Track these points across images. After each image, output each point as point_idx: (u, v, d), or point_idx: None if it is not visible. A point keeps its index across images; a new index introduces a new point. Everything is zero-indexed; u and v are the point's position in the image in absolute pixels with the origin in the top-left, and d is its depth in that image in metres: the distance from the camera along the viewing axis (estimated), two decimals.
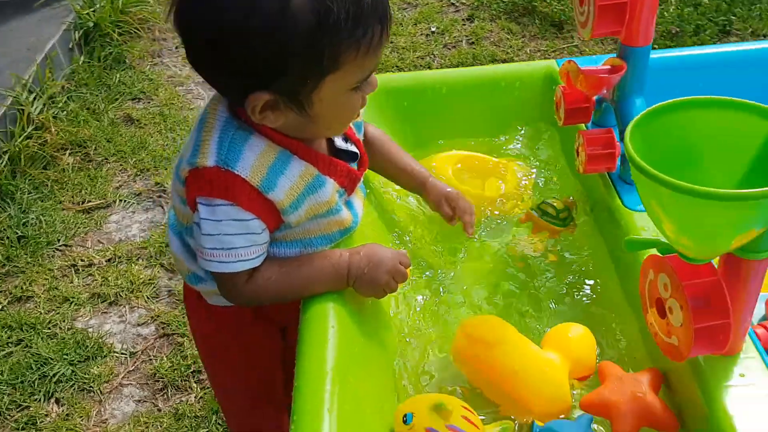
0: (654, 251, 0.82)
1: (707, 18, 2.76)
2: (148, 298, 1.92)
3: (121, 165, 2.42)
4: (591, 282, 1.13)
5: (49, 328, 1.84)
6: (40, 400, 1.67)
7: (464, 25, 3.03)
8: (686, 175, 0.72)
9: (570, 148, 1.34)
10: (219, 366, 1.23)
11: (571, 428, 0.86)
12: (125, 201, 2.26)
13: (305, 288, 0.97)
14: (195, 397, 1.65)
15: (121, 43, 2.94)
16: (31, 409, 1.65)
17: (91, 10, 2.93)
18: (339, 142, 1.01)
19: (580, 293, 1.12)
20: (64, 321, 1.86)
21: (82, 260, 2.04)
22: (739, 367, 0.83)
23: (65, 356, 1.75)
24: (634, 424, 0.85)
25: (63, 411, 1.65)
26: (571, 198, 1.23)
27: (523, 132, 1.44)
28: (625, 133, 0.72)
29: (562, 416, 0.92)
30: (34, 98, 2.51)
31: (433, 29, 3.00)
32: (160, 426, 1.59)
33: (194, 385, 1.67)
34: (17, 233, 2.11)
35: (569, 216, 1.21)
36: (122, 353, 1.78)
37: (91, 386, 1.70)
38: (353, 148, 1.02)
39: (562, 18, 2.92)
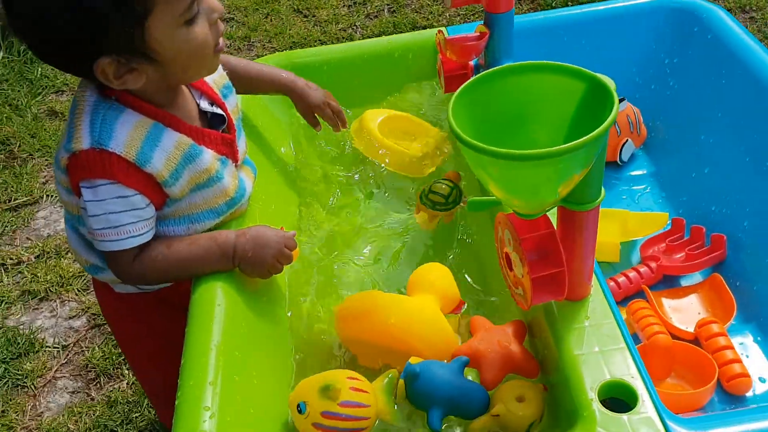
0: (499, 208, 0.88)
1: None
2: (78, 290, 1.94)
3: (47, 160, 2.41)
4: (471, 241, 1.19)
5: None
6: None
7: None
8: (513, 139, 0.78)
9: None
10: (134, 352, 1.27)
11: (442, 368, 0.91)
12: (52, 196, 2.26)
13: (191, 267, 1.00)
14: (127, 384, 1.69)
15: None
16: None
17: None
18: (204, 105, 1.03)
19: (461, 253, 1.18)
20: None
21: (11, 258, 2.05)
22: (586, 311, 0.90)
23: None
24: (500, 371, 0.92)
25: None
26: (455, 171, 1.26)
27: (419, 100, 1.49)
28: (449, 105, 0.76)
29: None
30: None
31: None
32: (94, 414, 1.63)
33: (126, 372, 1.71)
34: None
35: (458, 193, 1.23)
36: (54, 347, 1.80)
37: (24, 382, 1.72)
38: (219, 111, 1.05)
39: None
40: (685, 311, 1.14)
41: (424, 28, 2.79)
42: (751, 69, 1.24)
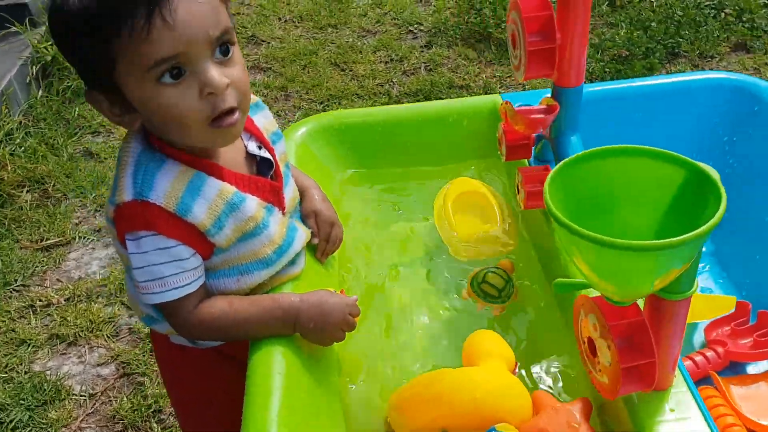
0: (584, 291, 0.85)
1: (656, 41, 2.84)
2: (108, 337, 1.91)
3: (80, 201, 2.41)
4: (534, 311, 1.16)
5: (6, 372, 1.81)
6: None
7: (422, 51, 3.08)
8: (605, 221, 0.76)
9: (513, 179, 1.38)
10: (188, 406, 1.22)
11: None
12: (85, 238, 2.25)
13: (251, 329, 0.98)
14: None
15: (78, 77, 2.93)
16: None
17: (49, 43, 2.92)
18: (252, 147, 1.01)
19: (524, 323, 1.14)
20: (21, 364, 1.84)
21: (40, 300, 2.02)
22: (669, 402, 0.86)
23: (22, 401, 1.73)
24: None
25: None
26: (510, 261, 1.22)
27: (472, 166, 1.48)
28: (545, 187, 0.75)
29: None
30: None
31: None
32: None
33: (155, 425, 1.66)
34: None
35: (510, 286, 1.18)
36: (81, 395, 1.76)
37: (48, 431, 1.68)
38: (267, 155, 1.02)
39: None
40: (755, 401, 1.09)
41: (461, 87, 2.81)
42: None
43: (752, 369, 1.16)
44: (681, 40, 2.84)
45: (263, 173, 1.02)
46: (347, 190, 1.44)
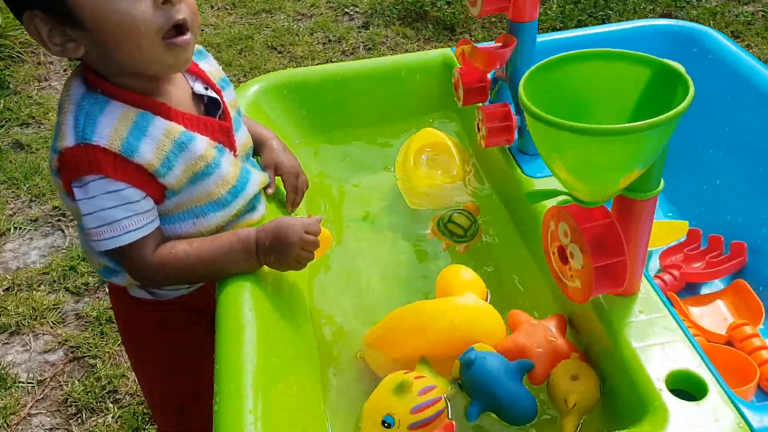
0: (554, 204, 0.86)
1: (587, 13, 2.93)
2: (53, 323, 1.83)
3: (13, 192, 2.30)
4: (498, 248, 1.17)
5: None
6: None
7: (360, 32, 3.08)
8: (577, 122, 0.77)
9: (470, 129, 1.40)
10: (148, 362, 1.18)
11: (500, 364, 0.88)
12: (21, 228, 2.15)
13: (216, 265, 0.95)
14: (112, 417, 1.58)
15: (2, 68, 2.81)
16: None
17: None
18: (198, 88, 0.99)
19: (489, 259, 1.16)
20: None
21: None
22: (638, 305, 0.88)
23: None
24: (548, 366, 0.90)
25: None
26: (474, 203, 1.24)
27: (427, 118, 1.49)
28: (519, 85, 0.76)
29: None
30: None
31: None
32: None
33: (110, 405, 1.60)
34: None
35: (476, 226, 1.20)
36: (29, 382, 1.68)
37: None
38: (214, 95, 1.00)
39: (454, 21, 3.02)
40: (712, 317, 1.13)
41: None
42: (753, 83, 1.29)
43: (705, 290, 1.21)
44: (610, 11, 2.94)
45: (211, 114, 1.00)
46: (301, 147, 1.42)
